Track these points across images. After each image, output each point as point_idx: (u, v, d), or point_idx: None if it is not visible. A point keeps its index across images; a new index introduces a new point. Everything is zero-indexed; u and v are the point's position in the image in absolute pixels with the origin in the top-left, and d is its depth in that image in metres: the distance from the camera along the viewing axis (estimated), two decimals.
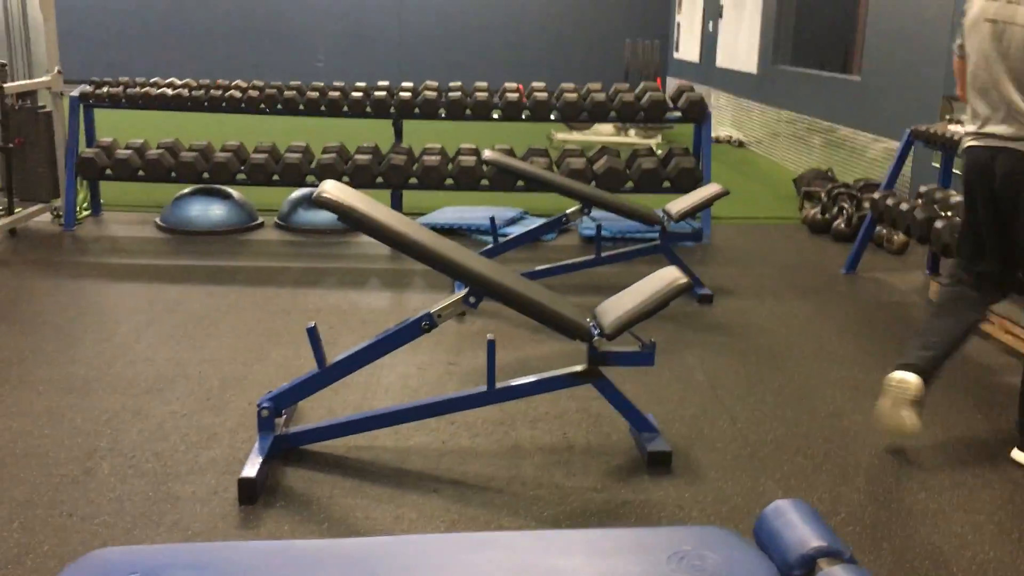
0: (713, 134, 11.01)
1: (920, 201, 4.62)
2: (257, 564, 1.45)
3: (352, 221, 2.63)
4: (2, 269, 4.86)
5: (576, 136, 9.98)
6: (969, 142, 3.06)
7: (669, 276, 2.90)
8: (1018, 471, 2.87)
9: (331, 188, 2.67)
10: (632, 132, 10.26)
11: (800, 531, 1.62)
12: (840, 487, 2.75)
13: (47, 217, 5.83)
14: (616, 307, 2.89)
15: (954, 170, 4.92)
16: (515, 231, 5.28)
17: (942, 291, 3.27)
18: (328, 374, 2.82)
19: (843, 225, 5.82)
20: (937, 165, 5.23)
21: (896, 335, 4.08)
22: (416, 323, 2.78)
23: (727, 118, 11.20)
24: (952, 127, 4.59)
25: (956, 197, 4.32)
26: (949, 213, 4.29)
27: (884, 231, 5.56)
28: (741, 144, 10.40)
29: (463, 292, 2.81)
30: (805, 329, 4.20)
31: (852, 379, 3.60)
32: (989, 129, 2.97)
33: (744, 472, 2.82)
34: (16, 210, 5.47)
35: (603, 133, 10.26)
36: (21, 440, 2.94)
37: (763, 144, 9.83)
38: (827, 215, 6.04)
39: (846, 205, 5.98)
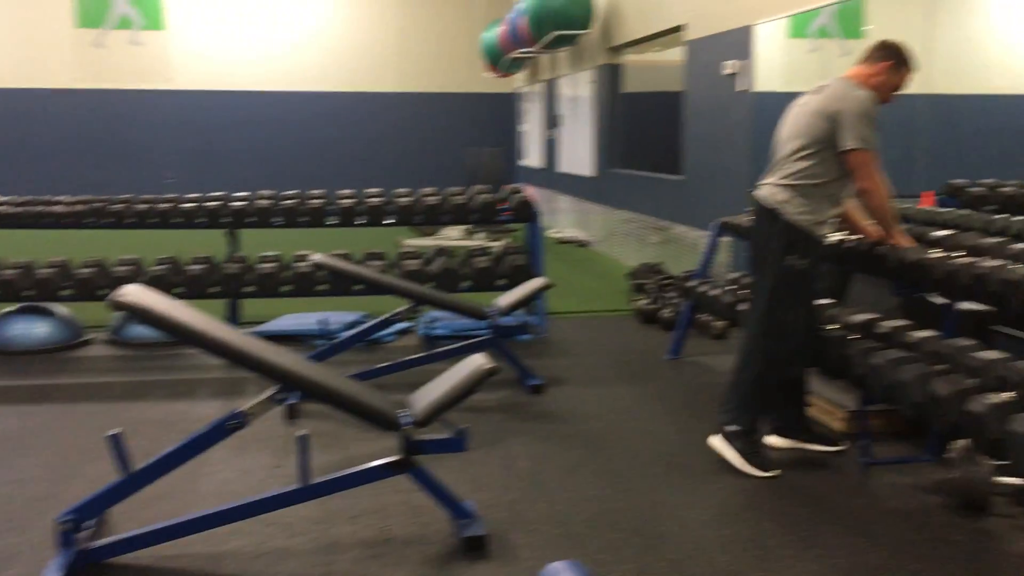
0: (559, 235, 11.51)
1: (728, 286, 4.93)
2: None
3: (151, 322, 2.63)
4: None
5: (425, 241, 10.16)
6: None
7: (477, 362, 3.01)
8: (834, 538, 3.05)
9: (130, 290, 2.67)
10: (480, 236, 10.53)
11: None
12: (647, 557, 2.85)
13: None
14: (426, 395, 2.96)
15: None
16: None
17: None
18: (133, 481, 2.76)
19: (670, 314, 6.12)
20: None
21: (710, 413, 4.29)
22: (222, 423, 2.77)
23: (571, 220, 11.66)
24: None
25: None
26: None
27: (706, 318, 5.88)
28: (584, 244, 10.82)
29: (273, 389, 2.83)
30: (629, 413, 4.37)
31: (668, 456, 3.76)
32: None
33: (557, 550, 2.89)
34: None
35: (451, 238, 10.48)
36: None
37: (604, 243, 10.27)
38: (655, 305, 6.35)
39: (672, 295, 6.30)
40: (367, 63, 14.99)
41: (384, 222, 6.05)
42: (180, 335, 2.68)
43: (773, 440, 3.81)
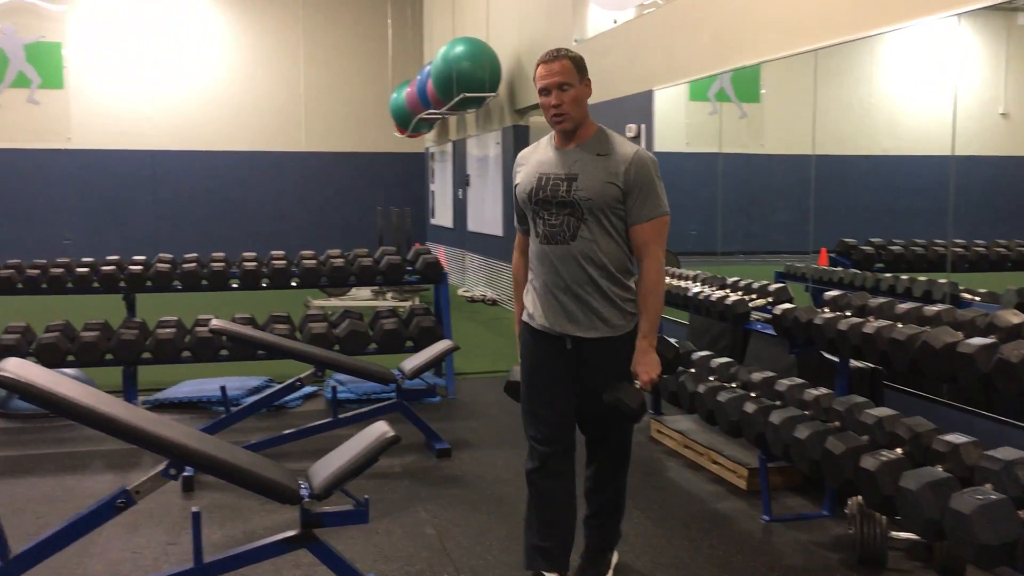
0: (469, 294, 11.51)
1: None
2: None
3: (32, 399, 2.51)
4: None
5: (334, 302, 10.04)
6: None
7: (378, 431, 2.95)
8: None
9: (11, 366, 2.55)
10: (389, 296, 10.46)
11: None
12: None
13: None
14: (326, 467, 2.89)
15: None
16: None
17: None
18: (11, 568, 2.61)
19: None
20: None
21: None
22: (110, 502, 2.64)
23: (481, 278, 11.69)
24: None
25: None
26: None
27: None
28: (495, 302, 10.85)
29: (163, 464, 2.72)
30: None
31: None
32: None
33: None
34: None
35: (361, 298, 10.39)
36: None
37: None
38: None
39: None
40: (275, 122, 14.86)
41: (291, 285, 5.97)
42: (64, 411, 2.56)
43: None
